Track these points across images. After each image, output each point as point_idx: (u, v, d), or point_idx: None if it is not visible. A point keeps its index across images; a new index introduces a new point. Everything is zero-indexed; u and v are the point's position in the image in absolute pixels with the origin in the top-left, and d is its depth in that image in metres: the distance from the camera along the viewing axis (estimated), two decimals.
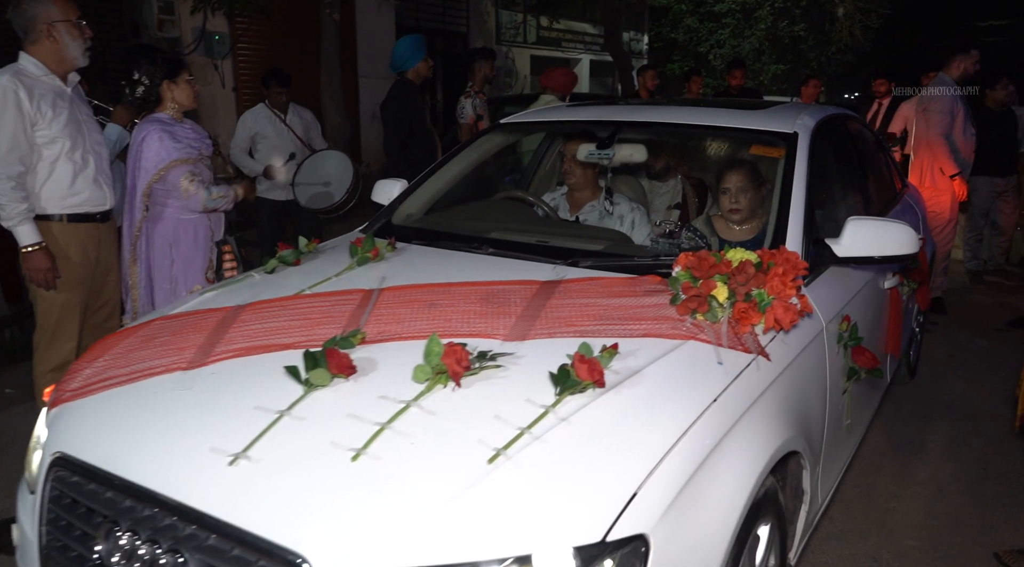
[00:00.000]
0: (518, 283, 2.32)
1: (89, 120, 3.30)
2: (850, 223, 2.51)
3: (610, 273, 2.39)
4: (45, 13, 3.06)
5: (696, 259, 2.11)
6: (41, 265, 3.10)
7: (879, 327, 3.04)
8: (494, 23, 16.74)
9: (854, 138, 3.62)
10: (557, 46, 19.36)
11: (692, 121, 3.07)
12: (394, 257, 2.66)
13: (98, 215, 3.31)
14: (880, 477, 3.48)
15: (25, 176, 3.05)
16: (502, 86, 16.38)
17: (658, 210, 4.29)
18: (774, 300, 2.05)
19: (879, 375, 2.50)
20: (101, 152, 3.34)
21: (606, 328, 2.02)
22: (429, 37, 13.67)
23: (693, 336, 1.98)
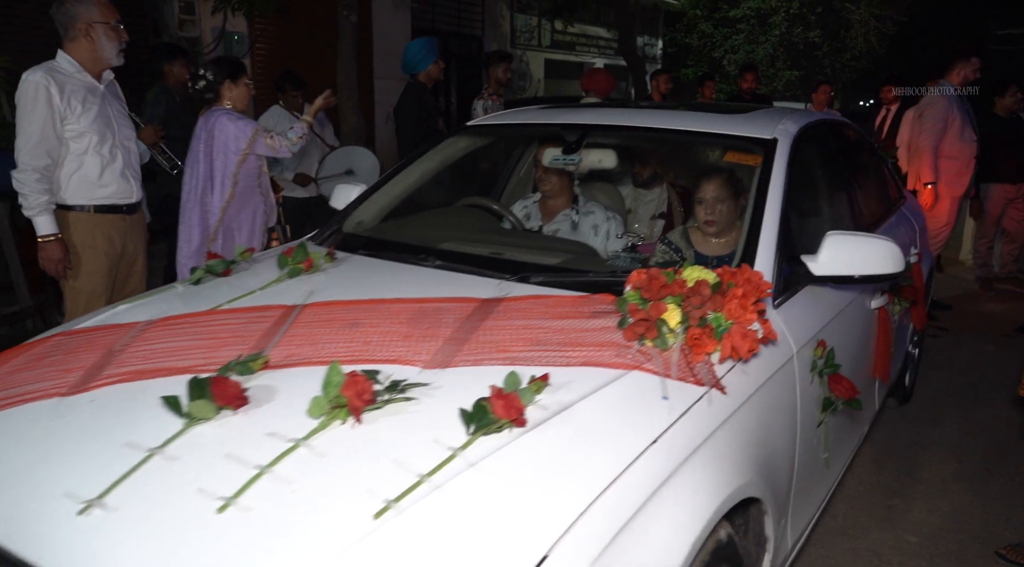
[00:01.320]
0: (455, 301, 2.10)
1: (121, 116, 3.41)
2: (829, 238, 2.29)
3: (561, 291, 2.17)
4: (86, 13, 3.20)
5: (646, 278, 1.89)
6: (54, 255, 3.22)
7: (865, 351, 2.81)
8: (509, 26, 16.72)
9: (845, 146, 3.38)
10: (571, 50, 19.33)
11: (666, 125, 2.85)
12: (331, 269, 2.45)
13: (124, 207, 3.42)
14: (884, 475, 3.51)
15: (51, 168, 3.18)
16: (516, 89, 16.32)
17: (643, 219, 4.06)
18: (732, 326, 1.82)
19: (857, 407, 2.27)
20: (131, 147, 3.46)
21: (541, 355, 1.80)
22: (444, 40, 13.70)
23: (638, 366, 1.76)
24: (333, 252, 2.52)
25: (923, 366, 4.49)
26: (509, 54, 6.75)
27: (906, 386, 4.11)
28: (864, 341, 2.79)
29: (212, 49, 8.93)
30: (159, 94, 5.08)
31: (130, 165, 3.44)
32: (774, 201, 2.39)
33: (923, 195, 5.41)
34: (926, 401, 4.34)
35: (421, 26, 12.93)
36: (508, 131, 3.33)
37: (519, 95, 15.94)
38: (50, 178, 3.18)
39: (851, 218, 3.02)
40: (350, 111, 7.94)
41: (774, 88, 19.68)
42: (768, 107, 3.23)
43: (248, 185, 3.86)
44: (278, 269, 2.38)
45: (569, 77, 19.56)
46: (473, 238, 2.72)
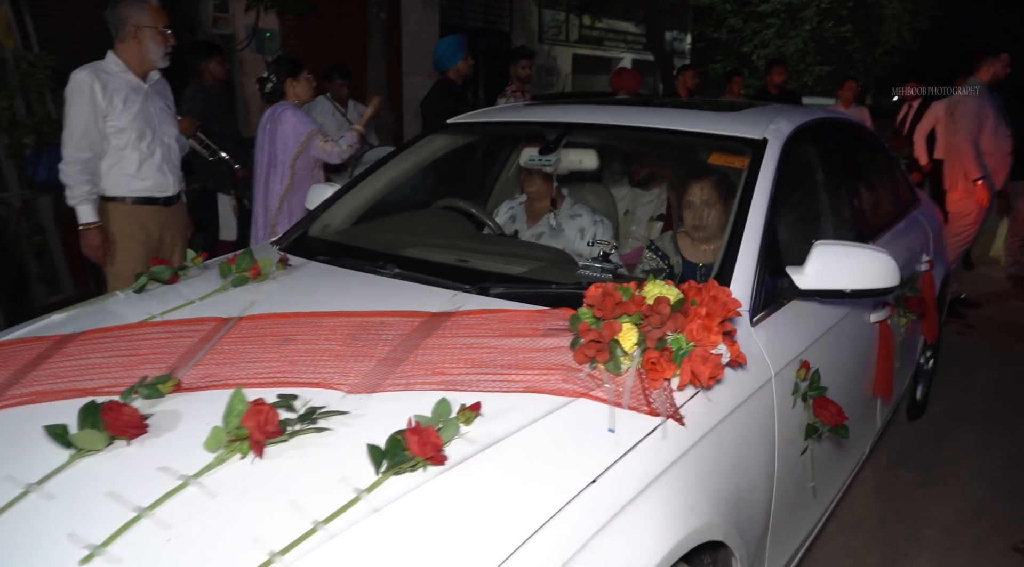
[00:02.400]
0: (401, 315, 1.94)
1: (163, 114, 3.55)
2: (816, 249, 2.09)
3: (520, 304, 2.00)
4: (136, 16, 3.36)
5: (599, 294, 1.71)
6: (94, 242, 3.41)
7: (864, 369, 2.61)
8: (537, 22, 16.64)
9: (850, 146, 3.16)
10: (599, 45, 19.21)
11: (650, 124, 2.65)
12: (282, 277, 2.29)
13: (162, 200, 3.57)
14: (903, 469, 3.51)
15: (93, 161, 3.36)
16: (544, 85, 16.17)
17: (640, 221, 3.88)
18: (693, 349, 1.64)
19: (843, 434, 2.07)
20: (171, 144, 3.59)
21: (481, 378, 1.63)
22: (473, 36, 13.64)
23: (585, 393, 1.58)
24: (286, 259, 2.37)
25: (947, 361, 4.43)
26: (530, 51, 6.73)
27: (917, 400, 3.88)
28: (862, 358, 2.59)
29: (245, 46, 9.04)
30: (196, 91, 5.19)
31: (169, 160, 3.59)
32: (759, 207, 2.20)
33: (977, 191, 5.28)
34: (951, 396, 4.30)
35: (450, 22, 12.86)
36: (488, 129, 3.16)
37: (546, 91, 15.84)
38: (92, 170, 3.36)
39: (852, 224, 2.81)
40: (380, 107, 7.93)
41: (804, 83, 19.39)
42: (772, 105, 3.02)
43: (304, 175, 4.23)
44: (223, 277, 2.22)
45: (597, 72, 19.42)
46: (442, 244, 2.56)
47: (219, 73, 5.34)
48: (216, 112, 5.20)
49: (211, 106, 5.17)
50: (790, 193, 2.81)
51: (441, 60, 5.46)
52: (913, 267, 3.17)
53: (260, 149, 4.29)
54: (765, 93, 8.50)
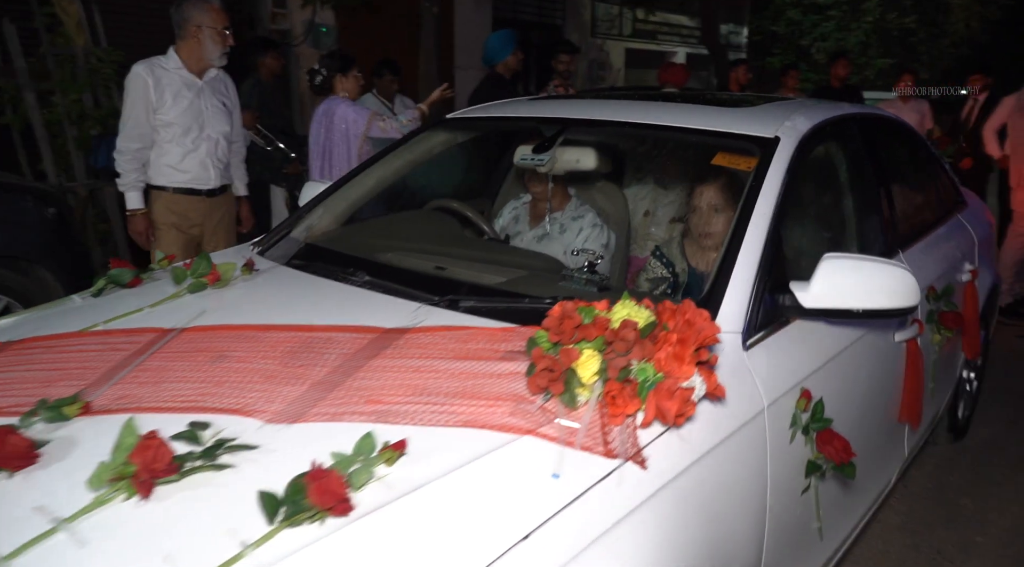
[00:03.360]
0: (353, 330, 1.76)
1: (215, 111, 3.65)
2: (825, 263, 1.86)
3: (487, 320, 1.81)
4: (198, 16, 3.50)
5: (558, 315, 1.51)
6: (139, 228, 3.63)
7: (887, 392, 2.36)
8: (590, 16, 16.46)
9: (882, 145, 2.89)
10: (653, 39, 18.91)
11: (652, 121, 2.43)
12: (245, 283, 2.14)
13: (203, 191, 3.68)
14: (955, 475, 3.40)
15: (143, 151, 3.54)
16: (596, 79, 15.98)
17: (661, 223, 3.65)
18: (660, 381, 1.43)
19: (850, 475, 1.84)
20: (219, 140, 3.68)
21: (419, 409, 1.45)
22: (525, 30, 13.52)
23: (532, 430, 1.39)
24: (252, 263, 2.22)
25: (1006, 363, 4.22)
26: (572, 45, 6.65)
27: (959, 419, 3.57)
28: (885, 382, 2.34)
29: (301, 41, 9.19)
30: (253, 85, 5.31)
31: (214, 155, 3.68)
32: (762, 215, 1.97)
33: None
34: (1007, 400, 4.15)
35: (502, 16, 12.77)
36: (486, 125, 2.96)
37: (598, 86, 15.68)
38: (141, 159, 3.55)
39: (881, 232, 2.56)
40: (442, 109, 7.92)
41: (865, 77, 18.82)
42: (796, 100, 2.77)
43: None
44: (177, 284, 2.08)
45: (651, 67, 19.10)
46: (424, 248, 2.38)
47: (275, 68, 5.50)
48: (271, 106, 5.32)
49: (266, 100, 5.30)
50: (807, 198, 2.58)
51: (491, 54, 5.49)
52: (952, 278, 2.90)
53: (315, 142, 4.40)
54: (826, 87, 8.16)
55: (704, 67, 19.20)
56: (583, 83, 15.53)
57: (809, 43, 19.24)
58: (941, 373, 2.87)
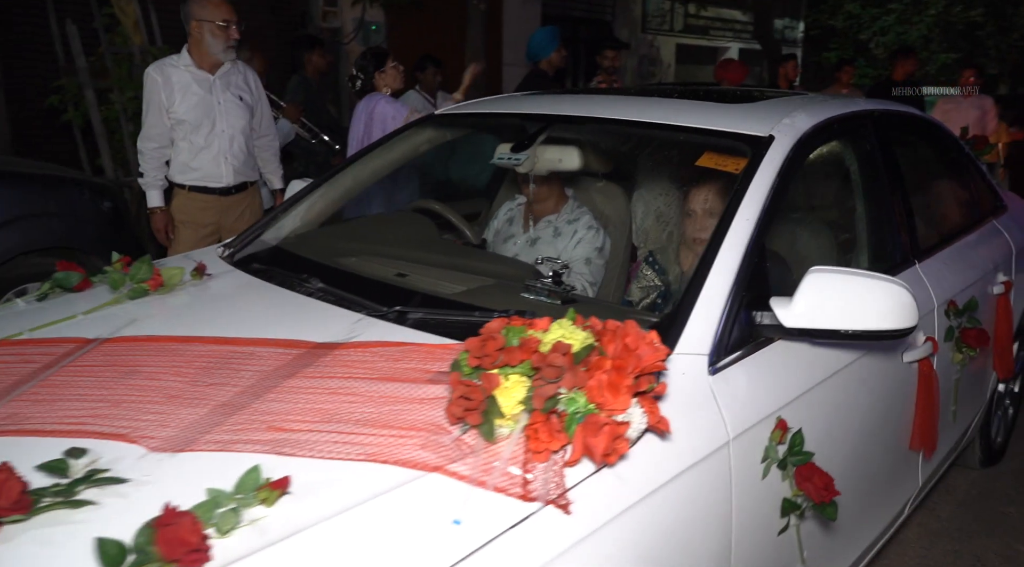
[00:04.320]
0: (280, 345, 1.62)
1: (229, 106, 3.58)
2: (809, 277, 1.66)
3: (430, 336, 1.65)
4: (198, 11, 3.48)
5: (481, 337, 1.35)
6: (158, 225, 3.63)
7: (895, 418, 2.14)
8: (640, 11, 16.33)
9: (905, 145, 2.65)
10: (704, 34, 18.64)
11: (640, 117, 2.25)
12: (191, 289, 2.02)
13: (216, 189, 3.63)
14: (1000, 482, 3.32)
15: (160, 150, 3.56)
16: (645, 75, 15.93)
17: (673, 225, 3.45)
18: (590, 414, 1.26)
19: (831, 515, 1.63)
20: (234, 135, 3.60)
21: (322, 439, 1.30)
22: (574, 26, 13.38)
23: (440, 467, 1.23)
24: (204, 268, 2.09)
25: None
26: (618, 41, 6.64)
27: (993, 443, 3.30)
28: (892, 406, 2.12)
29: (352, 38, 9.33)
30: (299, 82, 5.38)
31: (228, 152, 3.60)
32: (744, 222, 1.78)
33: None
34: None
35: (551, 12, 12.67)
36: (474, 121, 2.80)
37: (647, 81, 15.50)
38: (159, 158, 3.57)
39: (893, 240, 2.33)
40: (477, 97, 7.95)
41: (927, 72, 18.27)
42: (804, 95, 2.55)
43: None
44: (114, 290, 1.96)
45: (702, 62, 18.86)
46: (393, 253, 2.23)
47: (320, 65, 5.53)
48: (316, 103, 5.37)
49: (312, 97, 5.35)
50: (809, 202, 2.36)
51: (534, 51, 5.47)
52: (981, 290, 2.64)
53: (354, 138, 4.43)
54: (884, 82, 7.85)
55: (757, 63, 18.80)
56: (632, 79, 15.32)
57: (868, 38, 18.84)
58: (966, 395, 2.63)
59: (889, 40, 18.11)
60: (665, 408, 1.41)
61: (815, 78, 16.35)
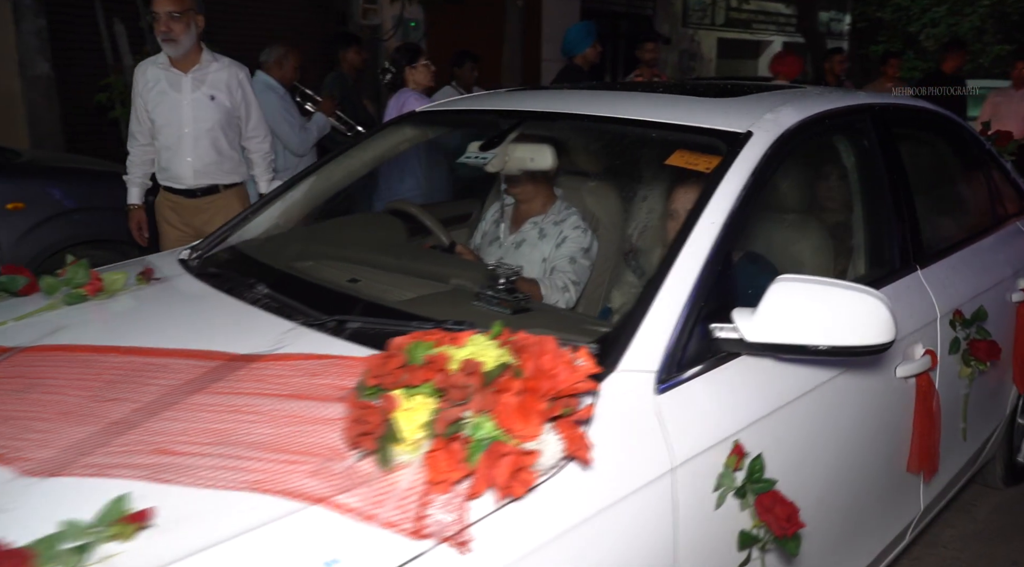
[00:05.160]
0: (196, 356, 1.52)
1: (199, 105, 3.43)
2: (776, 286, 1.51)
3: (360, 348, 1.53)
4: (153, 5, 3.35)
5: (383, 353, 1.22)
6: (131, 223, 3.60)
7: (886, 439, 1.97)
8: (681, 5, 16.16)
9: (907, 141, 2.46)
10: (747, 28, 18.36)
11: (614, 113, 2.11)
12: (131, 295, 1.92)
13: (181, 191, 3.51)
14: None
15: (144, 148, 3.52)
16: (686, 69, 15.71)
17: None
18: (494, 442, 1.13)
19: (793, 551, 1.48)
20: (199, 136, 3.44)
21: (208, 463, 1.19)
22: (614, 21, 13.25)
23: (325, 498, 1.11)
24: (151, 272, 2.00)
25: None
26: (656, 34, 6.59)
27: (1016, 462, 3.07)
28: (883, 427, 1.95)
29: (391, 35, 9.36)
30: (335, 79, 5.39)
31: (192, 153, 3.45)
32: (708, 225, 1.63)
33: None
34: None
35: (591, 7, 12.54)
36: (454, 118, 2.67)
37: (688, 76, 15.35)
38: (141, 156, 3.53)
39: (892, 243, 2.15)
40: None
41: (979, 64, 17.75)
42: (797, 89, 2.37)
43: None
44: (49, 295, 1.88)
45: (744, 57, 18.58)
46: (353, 257, 2.12)
47: (356, 62, 5.55)
48: (352, 99, 5.39)
49: (348, 92, 5.35)
50: (799, 204, 2.20)
51: (569, 46, 5.47)
52: (997, 297, 2.45)
53: None
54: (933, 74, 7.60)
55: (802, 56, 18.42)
56: (673, 74, 15.10)
57: (918, 30, 18.38)
58: (978, 410, 2.43)
59: (940, 32, 17.68)
60: (596, 432, 1.28)
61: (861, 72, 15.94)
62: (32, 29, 6.29)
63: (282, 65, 4.58)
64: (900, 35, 18.53)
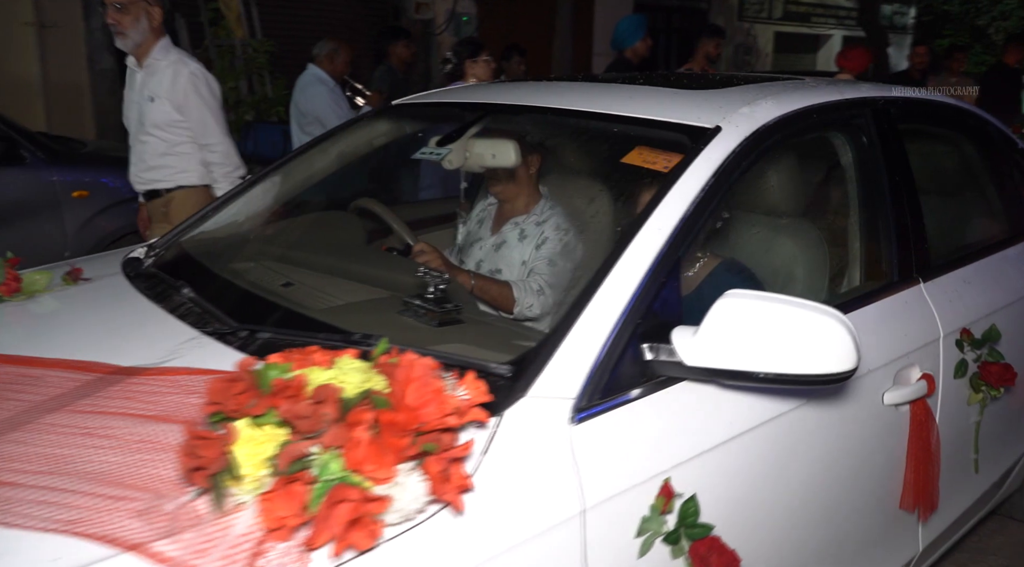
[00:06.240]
0: (78, 367, 1.39)
1: (143, 106, 3.19)
2: (721, 303, 1.32)
3: None
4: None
5: (228, 376, 1.07)
6: (138, 220, 3.50)
7: (873, 475, 1.75)
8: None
9: (918, 139, 2.22)
10: (805, 21, 17.94)
11: (581, 106, 1.92)
12: (50, 297, 1.81)
13: (139, 192, 3.36)
14: None
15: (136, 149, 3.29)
16: (741, 64, 15.50)
17: None
18: (337, 485, 0.97)
19: None
20: (146, 137, 3.22)
21: (28, 496, 1.06)
22: (667, 15, 13.05)
23: (139, 545, 0.96)
24: (79, 273, 1.89)
25: None
26: (721, 29, 6.47)
27: None
28: (868, 461, 1.73)
29: (443, 30, 9.44)
30: (384, 72, 5.44)
31: (135, 154, 3.29)
32: (654, 232, 1.44)
33: None
34: None
35: (645, 1, 12.40)
36: (437, 111, 2.50)
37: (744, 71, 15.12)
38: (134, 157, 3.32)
39: (891, 253, 1.92)
40: None
41: None
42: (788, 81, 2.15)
43: None
44: None
45: (801, 51, 18.14)
46: (295, 259, 1.99)
47: (405, 56, 5.55)
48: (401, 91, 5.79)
49: (396, 86, 5.36)
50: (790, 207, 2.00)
51: (620, 39, 5.45)
52: (1017, 314, 2.20)
53: None
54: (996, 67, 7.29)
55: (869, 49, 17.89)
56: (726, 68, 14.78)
57: (987, 23, 17.71)
58: (993, 440, 2.18)
59: (1011, 25, 17.06)
60: (487, 471, 1.11)
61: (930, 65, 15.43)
62: (99, 25, 6.47)
63: (333, 59, 4.66)
64: (967, 28, 17.90)
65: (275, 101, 6.62)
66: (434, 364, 1.08)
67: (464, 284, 2.24)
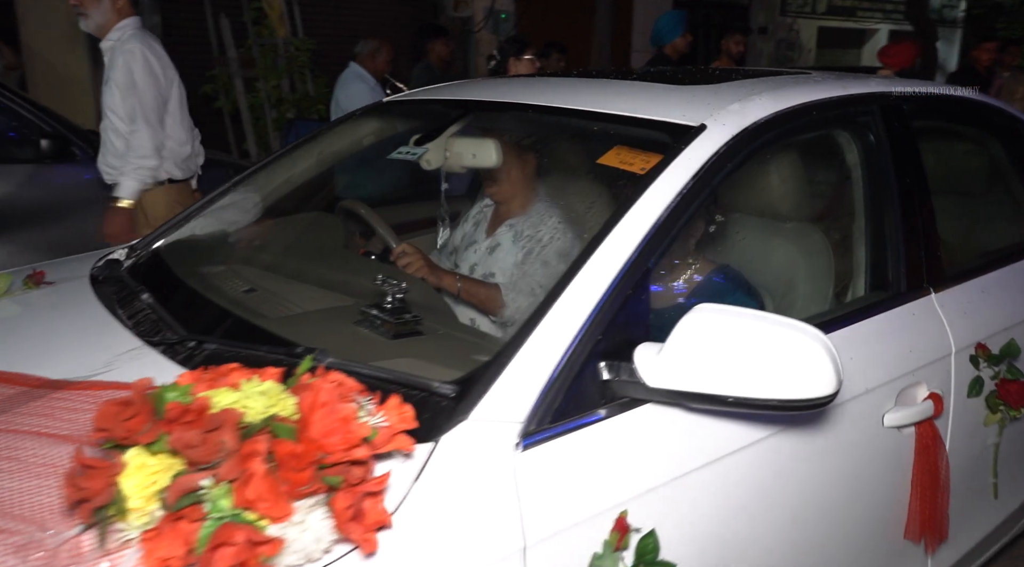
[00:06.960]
0: (7, 381, 1.32)
1: (104, 87, 3.07)
2: (689, 318, 1.20)
3: None
4: None
5: (121, 398, 0.98)
6: None
7: (873, 503, 1.61)
8: None
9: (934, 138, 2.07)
10: (851, 16, 17.57)
11: (562, 103, 1.81)
12: (11, 300, 1.75)
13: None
14: None
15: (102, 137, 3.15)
16: (782, 60, 15.23)
17: None
18: (225, 524, 0.88)
19: None
20: (105, 126, 3.12)
21: None
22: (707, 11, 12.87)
23: None
24: (41, 276, 1.82)
25: None
26: (745, 27, 6.62)
27: None
28: (867, 488, 1.59)
29: (482, 27, 9.48)
30: (422, 69, 5.44)
31: (104, 145, 3.15)
32: (622, 240, 1.33)
33: None
34: None
35: None
36: (423, 109, 2.40)
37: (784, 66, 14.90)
38: None
39: (899, 260, 1.78)
40: None
41: None
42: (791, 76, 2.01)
43: None
44: None
45: (846, 46, 17.77)
46: (264, 263, 1.91)
47: (443, 53, 5.56)
48: None
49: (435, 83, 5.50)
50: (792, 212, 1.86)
51: (659, 35, 5.44)
52: None
53: None
54: None
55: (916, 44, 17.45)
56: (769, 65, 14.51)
57: None
58: (1012, 463, 2.02)
59: None
60: (413, 505, 1.01)
61: None
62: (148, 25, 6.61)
63: (375, 58, 4.70)
64: (1021, 21, 17.34)
65: (316, 99, 6.70)
66: (350, 387, 0.98)
67: (450, 287, 2.15)
